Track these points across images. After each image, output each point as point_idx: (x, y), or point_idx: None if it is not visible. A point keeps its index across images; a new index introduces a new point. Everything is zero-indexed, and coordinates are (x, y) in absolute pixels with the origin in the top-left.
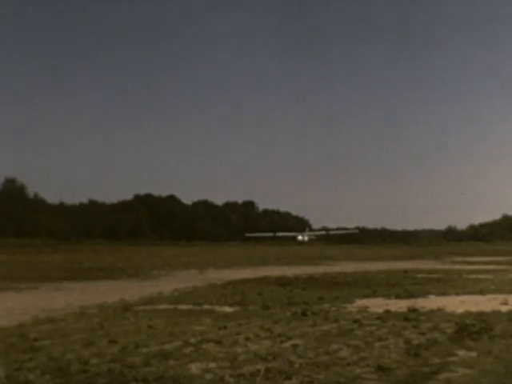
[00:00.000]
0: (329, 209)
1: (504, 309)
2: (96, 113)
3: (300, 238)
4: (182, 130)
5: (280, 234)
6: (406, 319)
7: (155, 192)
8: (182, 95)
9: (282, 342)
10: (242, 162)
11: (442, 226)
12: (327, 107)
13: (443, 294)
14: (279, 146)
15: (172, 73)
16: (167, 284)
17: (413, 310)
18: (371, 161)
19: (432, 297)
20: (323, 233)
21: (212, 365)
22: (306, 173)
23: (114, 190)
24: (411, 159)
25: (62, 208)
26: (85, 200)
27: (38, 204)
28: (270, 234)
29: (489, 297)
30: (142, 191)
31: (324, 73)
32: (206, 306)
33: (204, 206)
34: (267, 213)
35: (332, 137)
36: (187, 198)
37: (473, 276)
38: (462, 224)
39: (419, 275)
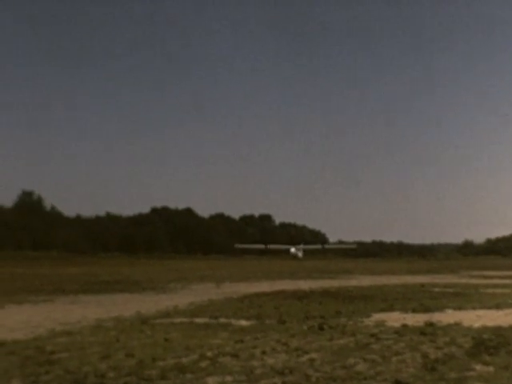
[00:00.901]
0: (345, 222)
1: None
2: (112, 125)
3: (293, 251)
4: (198, 143)
5: (272, 246)
6: (423, 333)
7: (172, 205)
8: (199, 106)
9: (298, 355)
10: (259, 175)
11: (459, 240)
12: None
13: (460, 308)
14: (296, 160)
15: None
16: (183, 297)
17: (430, 324)
18: (388, 174)
19: (449, 311)
20: (319, 247)
21: (228, 378)
22: (323, 186)
23: (131, 203)
24: (429, 173)
25: (78, 221)
26: (101, 213)
27: (55, 217)
28: (261, 246)
29: (506, 311)
30: (159, 204)
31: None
32: (222, 320)
33: (220, 219)
34: (284, 226)
35: (347, 149)
36: (204, 211)
37: (490, 290)
38: (478, 238)
39: (436, 289)
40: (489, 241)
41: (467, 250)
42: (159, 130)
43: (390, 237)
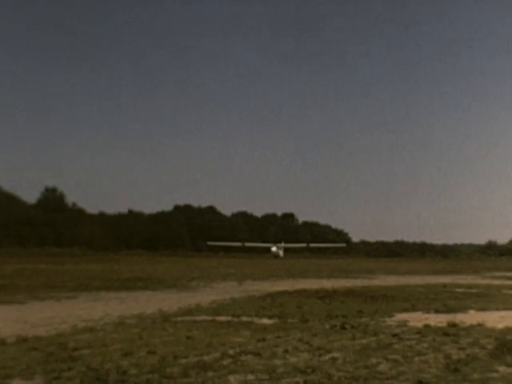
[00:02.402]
0: (368, 222)
1: None
2: (136, 123)
3: (274, 249)
4: (221, 142)
5: (249, 244)
6: (446, 334)
7: (195, 203)
8: (220, 105)
9: (320, 355)
10: (282, 173)
11: (482, 241)
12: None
13: (483, 309)
14: (321, 159)
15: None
16: (206, 295)
17: (452, 324)
18: (411, 174)
19: (472, 312)
20: (303, 245)
21: (250, 377)
22: (346, 186)
23: (154, 201)
24: (452, 173)
25: (101, 218)
26: (124, 210)
27: (78, 214)
28: (238, 244)
29: None
30: (182, 202)
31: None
32: (244, 318)
33: (243, 217)
34: (307, 225)
35: (369, 149)
36: (226, 210)
37: None
38: (502, 238)
39: (459, 290)
40: None
41: (490, 251)
42: (183, 129)
43: (412, 237)
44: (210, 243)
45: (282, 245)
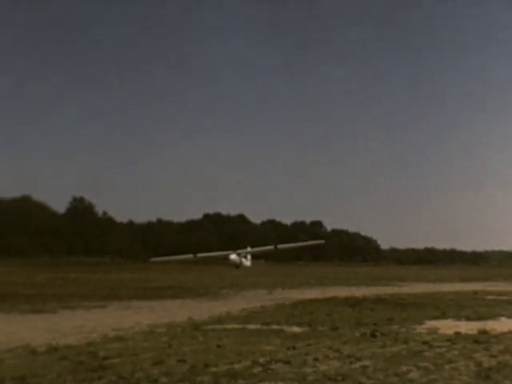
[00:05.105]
0: (398, 229)
1: None
2: (166, 133)
3: (233, 257)
4: (250, 151)
5: (201, 254)
6: (477, 341)
7: (224, 211)
8: (250, 116)
9: (351, 362)
10: (310, 181)
11: None
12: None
13: None
14: (349, 167)
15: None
16: (235, 303)
17: (483, 332)
18: (441, 182)
19: (503, 319)
20: (271, 248)
21: None
22: (375, 193)
23: (183, 209)
24: (481, 179)
25: (130, 226)
26: (153, 219)
27: (107, 222)
28: (189, 256)
29: None
30: (211, 210)
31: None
32: (274, 326)
33: (272, 225)
34: (336, 232)
35: (400, 157)
36: (256, 218)
37: None
38: None
39: (489, 297)
40: None
41: None
42: (212, 138)
43: (442, 244)
44: (153, 260)
45: (248, 250)
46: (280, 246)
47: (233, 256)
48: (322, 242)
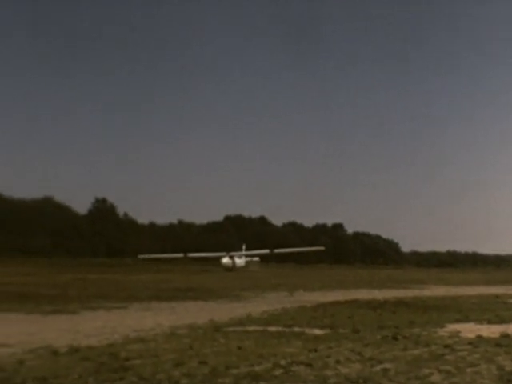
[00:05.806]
0: (419, 232)
1: None
2: (186, 135)
3: (225, 261)
4: (272, 152)
5: (192, 254)
6: (499, 345)
7: (245, 213)
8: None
9: (372, 365)
10: (331, 184)
11: None
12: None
13: None
14: (371, 170)
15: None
16: (257, 305)
17: (506, 335)
18: (463, 183)
19: None
20: (266, 252)
21: None
22: (397, 196)
23: (205, 211)
24: (503, 182)
25: (152, 228)
26: (174, 220)
27: (129, 224)
28: (179, 255)
29: None
30: (232, 212)
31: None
32: (296, 328)
33: (293, 227)
34: (357, 235)
35: (419, 159)
36: (277, 220)
37: None
38: None
39: (511, 300)
40: None
41: None
42: (234, 139)
43: (464, 247)
44: (140, 256)
45: (244, 252)
46: (276, 251)
47: (225, 260)
48: (321, 248)
